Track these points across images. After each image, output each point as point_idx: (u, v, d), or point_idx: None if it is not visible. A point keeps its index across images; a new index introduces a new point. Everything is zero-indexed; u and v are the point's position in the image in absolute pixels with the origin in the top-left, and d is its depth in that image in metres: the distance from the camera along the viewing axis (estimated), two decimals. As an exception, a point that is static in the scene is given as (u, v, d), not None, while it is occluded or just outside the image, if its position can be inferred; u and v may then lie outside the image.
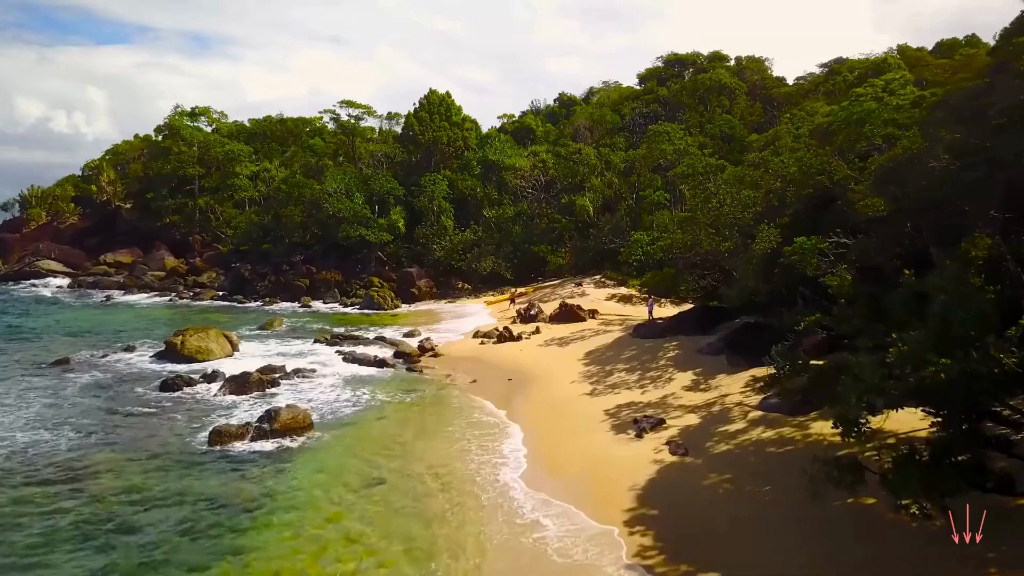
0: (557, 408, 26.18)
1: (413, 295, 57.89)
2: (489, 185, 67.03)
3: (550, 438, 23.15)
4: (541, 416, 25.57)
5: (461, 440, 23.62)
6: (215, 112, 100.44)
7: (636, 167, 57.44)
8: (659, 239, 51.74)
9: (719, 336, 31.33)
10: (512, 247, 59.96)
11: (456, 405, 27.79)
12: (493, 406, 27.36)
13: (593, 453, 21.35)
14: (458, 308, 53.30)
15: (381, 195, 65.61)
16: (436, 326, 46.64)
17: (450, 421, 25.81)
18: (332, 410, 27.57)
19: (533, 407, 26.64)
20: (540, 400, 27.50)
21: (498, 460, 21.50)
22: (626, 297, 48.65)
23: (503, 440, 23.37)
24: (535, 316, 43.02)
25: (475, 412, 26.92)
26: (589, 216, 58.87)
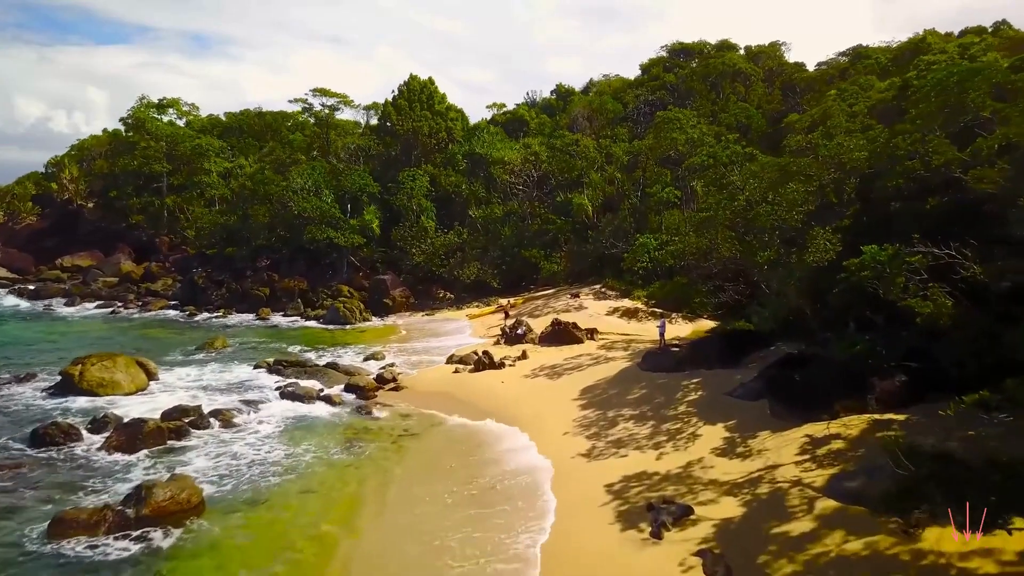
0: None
1: (386, 306, 51.17)
2: (476, 182, 60.37)
3: (528, 534, 16.45)
4: (519, 491, 18.87)
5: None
6: (185, 104, 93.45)
7: (641, 160, 50.74)
8: (669, 243, 45.09)
9: (753, 373, 24.64)
10: (500, 251, 53.28)
11: (400, 474, 21.03)
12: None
13: (588, 567, 14.67)
14: (436, 323, 46.60)
15: (353, 193, 58.88)
16: (407, 346, 39.93)
17: (390, 499, 19.12)
18: (243, 476, 20.90)
19: (509, 476, 19.92)
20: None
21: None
22: (631, 311, 41.94)
23: (462, 535, 16.67)
24: (522, 336, 36.30)
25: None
26: (588, 216, 52.18)
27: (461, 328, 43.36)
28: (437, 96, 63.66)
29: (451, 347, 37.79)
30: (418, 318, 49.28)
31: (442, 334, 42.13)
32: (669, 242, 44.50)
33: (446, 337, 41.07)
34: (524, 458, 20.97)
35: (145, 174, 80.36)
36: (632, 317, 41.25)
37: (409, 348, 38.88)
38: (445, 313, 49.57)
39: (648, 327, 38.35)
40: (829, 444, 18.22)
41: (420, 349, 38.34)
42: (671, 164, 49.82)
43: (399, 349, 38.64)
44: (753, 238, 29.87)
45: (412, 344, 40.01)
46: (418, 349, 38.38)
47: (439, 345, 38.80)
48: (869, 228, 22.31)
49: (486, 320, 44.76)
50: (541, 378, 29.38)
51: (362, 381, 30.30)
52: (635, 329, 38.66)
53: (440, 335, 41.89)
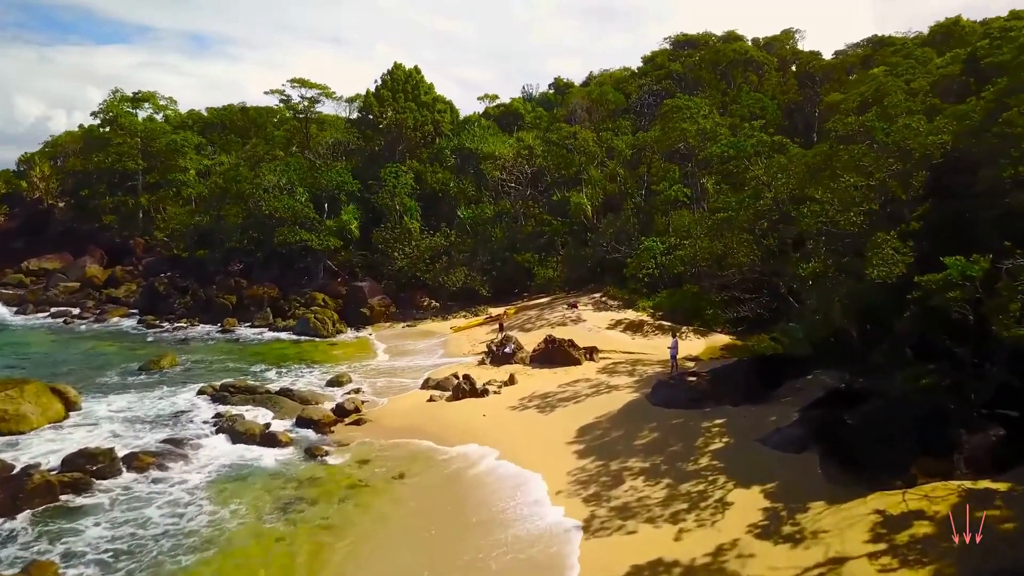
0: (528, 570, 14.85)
1: (363, 317, 46.49)
2: (465, 179, 55.73)
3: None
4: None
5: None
6: (162, 98, 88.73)
7: (646, 155, 46.13)
8: (677, 247, 40.48)
9: (790, 411, 20.07)
10: (490, 255, 48.63)
11: (345, 550, 16.37)
12: (409, 557, 16.01)
13: None
14: (416, 336, 41.92)
15: (330, 191, 54.23)
16: (379, 364, 35.29)
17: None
18: (147, 557, 16.38)
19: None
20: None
21: None
22: (635, 324, 37.34)
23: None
24: (511, 355, 31.67)
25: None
26: (587, 217, 47.57)
27: (443, 343, 38.69)
28: (423, 86, 59.01)
29: (429, 366, 33.20)
30: (397, 330, 44.61)
31: (421, 351, 37.46)
32: (678, 246, 39.94)
33: (425, 355, 36.42)
34: (505, 533, 16.30)
35: (119, 172, 76.23)
36: (637, 331, 36.66)
37: (381, 367, 34.22)
38: (428, 324, 44.90)
39: (656, 344, 33.78)
40: (910, 526, 13.67)
41: (394, 369, 33.68)
42: (679, 159, 45.24)
43: (370, 369, 33.99)
44: (776, 242, 25.47)
45: (386, 362, 35.36)
46: (392, 369, 33.72)
47: (415, 364, 34.15)
48: (940, 233, 17.75)
49: (473, 333, 40.12)
50: (530, 410, 24.75)
51: (317, 414, 25.63)
52: (641, 346, 34.06)
53: (418, 352, 37.24)
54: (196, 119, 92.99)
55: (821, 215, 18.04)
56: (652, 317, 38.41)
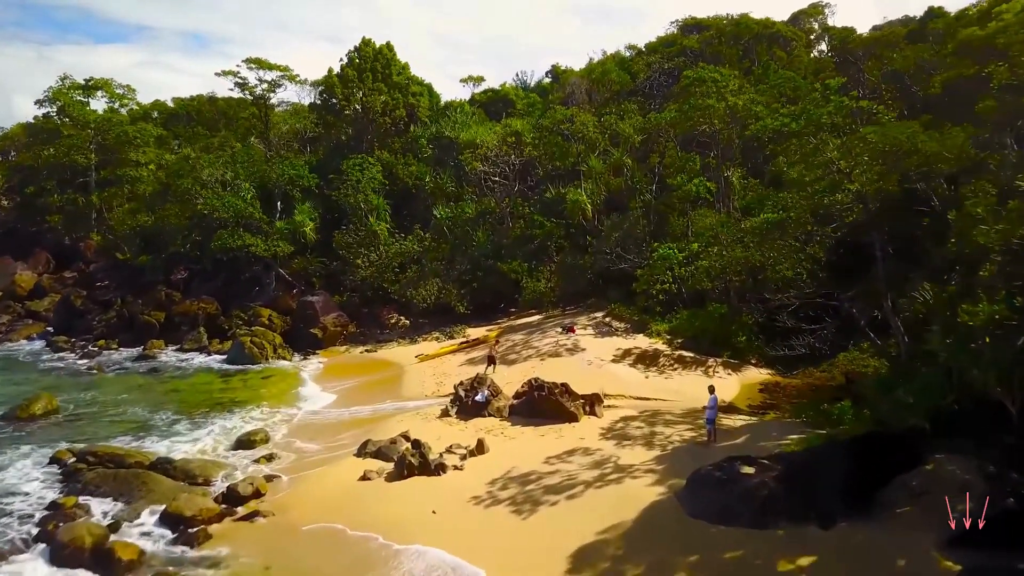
0: None
1: (313, 339, 38.58)
2: (444, 173, 47.86)
3: None
4: None
5: None
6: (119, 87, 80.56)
7: (659, 142, 38.16)
8: (700, 256, 32.61)
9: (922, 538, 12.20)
10: (470, 264, 40.74)
11: None
12: None
13: None
14: (371, 368, 33.95)
15: (282, 187, 46.36)
16: (317, 410, 27.39)
17: None
18: None
19: None
20: None
21: None
22: (648, 355, 29.46)
23: None
24: (484, 404, 23.73)
25: None
26: (586, 218, 39.70)
27: (402, 377, 30.74)
28: (396, 65, 51.01)
29: (377, 416, 25.29)
30: (353, 356, 36.68)
31: (372, 390, 29.50)
32: (700, 254, 32.07)
33: (376, 396, 28.46)
34: None
35: (71, 167, 68.55)
36: (651, 365, 28.77)
37: (316, 417, 26.28)
38: (391, 349, 36.94)
39: (678, 385, 25.99)
40: None
41: (329, 421, 25.72)
42: (697, 148, 37.36)
43: (300, 419, 26.07)
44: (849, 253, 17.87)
45: (322, 408, 27.39)
46: (326, 421, 25.76)
47: (359, 414, 26.23)
48: None
49: (443, 364, 32.22)
50: (503, 507, 16.81)
51: (192, 507, 17.60)
52: (657, 388, 26.19)
53: (369, 392, 29.27)
54: (161, 110, 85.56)
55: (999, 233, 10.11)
56: (669, 345, 30.54)
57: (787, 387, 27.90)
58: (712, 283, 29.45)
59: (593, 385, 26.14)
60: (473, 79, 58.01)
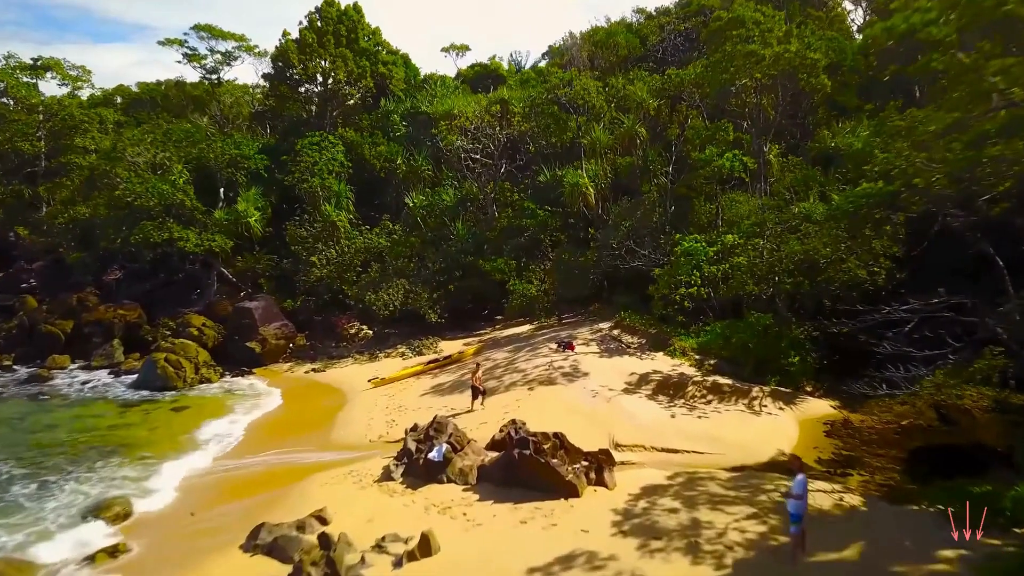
0: None
1: (251, 354, 31.32)
2: (419, 155, 40.64)
3: None
4: None
5: None
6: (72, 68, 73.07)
7: (680, 110, 30.93)
8: (738, 251, 25.43)
9: None
10: (445, 262, 33.51)
11: None
12: None
13: None
14: (314, 394, 26.66)
15: (224, 170, 39.15)
16: (217, 462, 20.07)
17: None
18: None
19: None
20: None
21: None
22: (672, 382, 22.20)
23: None
24: (442, 465, 16.40)
25: None
26: (588, 205, 32.54)
27: (346, 411, 23.44)
28: (364, 29, 43.72)
29: (300, 466, 18.02)
30: (294, 377, 29.42)
31: (303, 429, 22.18)
32: (737, 248, 24.90)
33: (306, 438, 21.16)
34: None
35: (17, 155, 61.41)
36: (676, 396, 21.55)
37: (205, 479, 18.91)
38: (344, 367, 29.72)
39: (715, 426, 18.91)
40: None
41: (226, 480, 18.42)
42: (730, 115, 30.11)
43: (186, 480, 18.74)
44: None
45: (223, 462, 20.03)
46: (222, 481, 18.45)
47: (273, 466, 18.93)
48: None
49: (403, 391, 24.98)
50: None
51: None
52: (689, 432, 18.99)
53: (297, 432, 21.95)
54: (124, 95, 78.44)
55: None
56: (699, 368, 23.29)
57: (861, 427, 20.77)
58: (758, 286, 22.25)
59: (599, 429, 18.97)
60: (456, 48, 50.66)
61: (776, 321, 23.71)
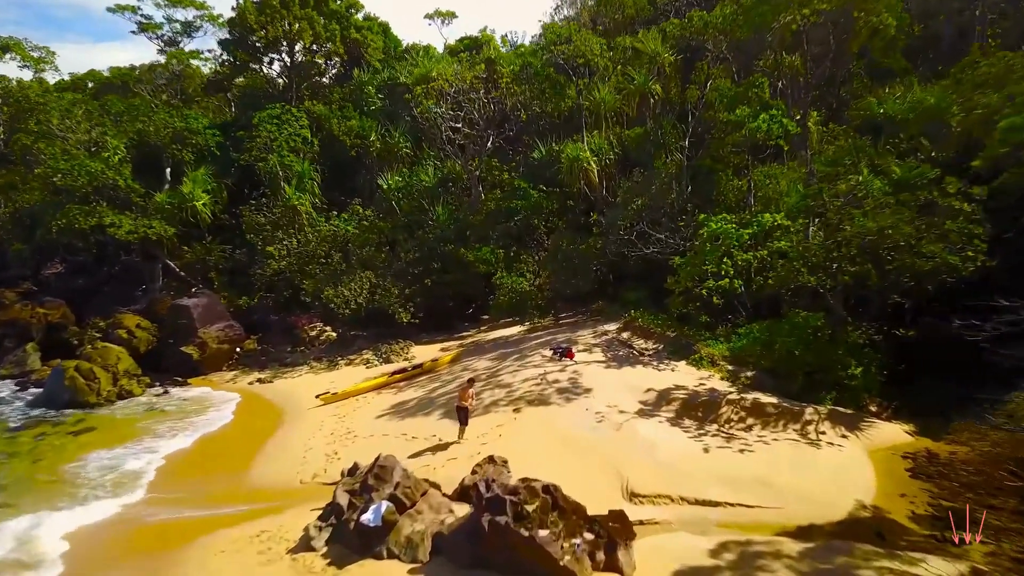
0: None
1: (187, 360, 26.31)
2: (397, 131, 35.66)
3: None
4: None
5: None
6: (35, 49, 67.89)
7: (698, 70, 25.87)
8: (778, 233, 20.42)
9: None
10: (421, 251, 28.48)
11: None
12: None
13: None
14: (251, 412, 21.58)
15: (167, 148, 34.17)
16: (97, 522, 15.03)
17: None
18: None
19: None
20: None
21: None
22: (702, 401, 17.16)
23: None
24: (380, 533, 11.35)
25: None
26: (591, 184, 27.53)
27: (278, 435, 18.39)
28: (336, -11, 38.58)
29: (201, 520, 13.01)
30: (238, 388, 24.35)
31: (221, 462, 17.12)
32: (776, 231, 19.97)
33: (223, 477, 16.12)
34: None
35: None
36: (707, 418, 16.59)
37: (83, 535, 13.90)
38: (296, 377, 24.69)
39: (764, 462, 13.98)
40: None
41: (101, 546, 13.37)
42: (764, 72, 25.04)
43: (45, 539, 13.71)
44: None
45: (106, 517, 14.97)
46: (104, 537, 13.41)
47: (165, 519, 13.91)
48: None
49: (358, 409, 19.95)
50: None
51: None
52: (729, 473, 14.02)
53: (213, 468, 16.89)
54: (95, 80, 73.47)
55: None
56: (732, 382, 18.27)
57: (953, 462, 15.78)
58: (814, 276, 17.25)
59: (606, 470, 14.00)
60: (442, 15, 45.55)
61: (829, 322, 18.72)
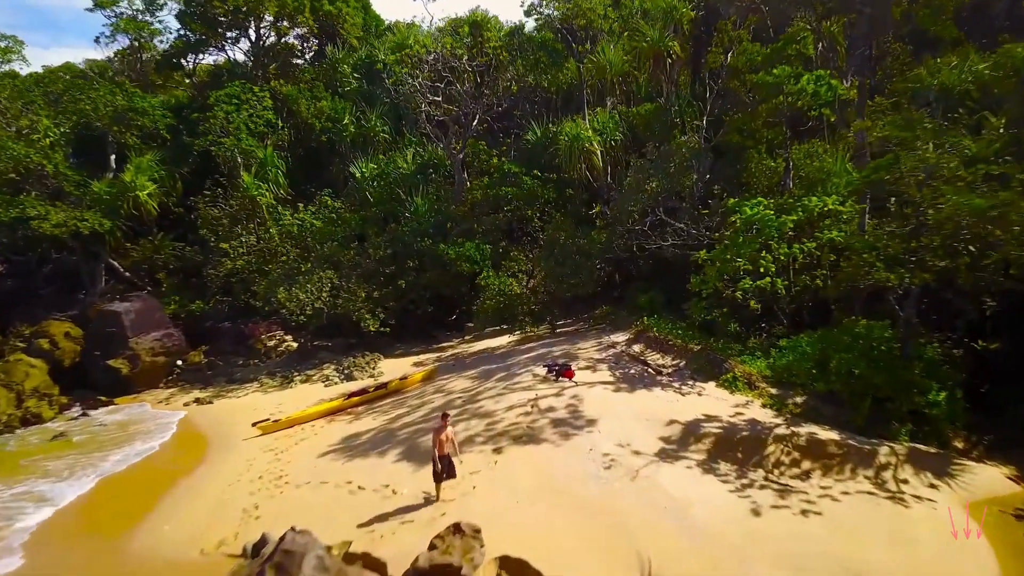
0: None
1: (115, 376, 22.27)
2: (374, 113, 31.72)
3: None
4: None
5: None
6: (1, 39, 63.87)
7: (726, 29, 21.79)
8: (828, 222, 16.00)
9: None
10: (395, 247, 24.41)
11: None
12: None
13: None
14: (183, 444, 17.49)
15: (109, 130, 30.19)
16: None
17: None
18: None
19: None
20: None
21: None
22: (743, 437, 13.07)
23: None
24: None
25: None
26: (593, 169, 23.50)
27: (193, 478, 14.29)
28: (310, -43, 34.55)
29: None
30: (174, 409, 20.25)
31: (112, 514, 13.02)
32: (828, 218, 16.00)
33: (111, 537, 12.02)
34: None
35: None
36: (748, 461, 12.45)
37: None
38: (243, 397, 20.63)
39: (840, 533, 9.66)
40: None
41: None
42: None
43: None
44: None
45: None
46: None
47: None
48: None
49: (297, 444, 15.87)
50: None
51: None
52: (789, 550, 9.78)
53: (103, 520, 12.79)
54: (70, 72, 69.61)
55: None
56: (778, 409, 14.21)
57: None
58: (895, 274, 13.21)
59: (618, 545, 9.89)
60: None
61: (900, 332, 14.69)
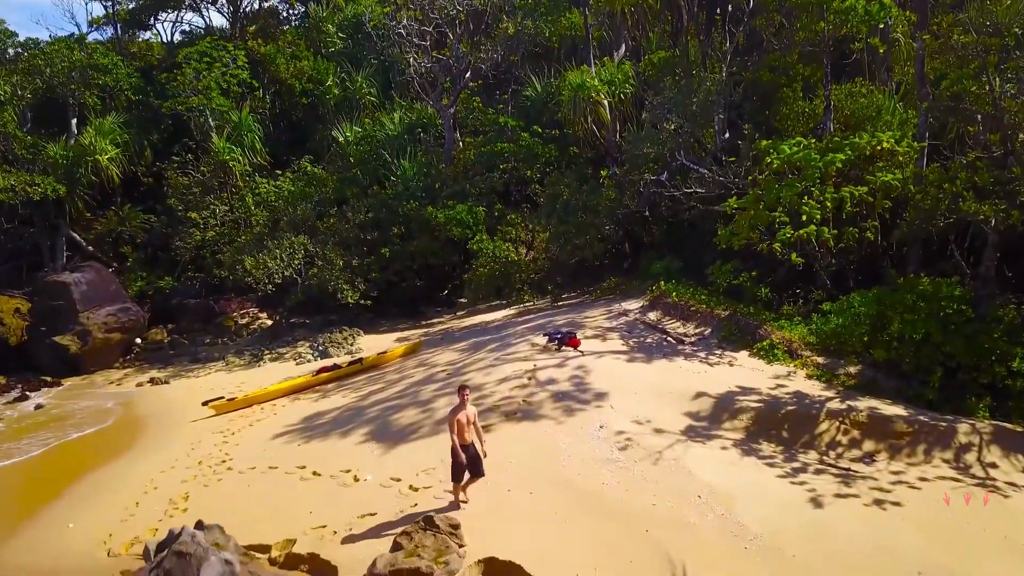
0: None
1: (63, 355, 19.99)
2: (359, 76, 29.38)
3: None
4: None
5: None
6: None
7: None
8: (881, 164, 13.32)
9: None
10: (378, 210, 22.05)
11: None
12: None
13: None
14: (117, 428, 15.16)
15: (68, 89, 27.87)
16: None
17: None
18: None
19: None
20: None
21: None
22: (787, 413, 10.67)
23: None
24: None
25: None
26: (600, 124, 21.09)
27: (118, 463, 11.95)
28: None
29: None
30: (115, 392, 17.93)
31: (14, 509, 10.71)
32: (881, 160, 13.57)
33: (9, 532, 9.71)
34: None
35: None
36: (796, 442, 10.04)
37: None
38: (204, 376, 18.32)
39: (926, 531, 7.13)
40: None
41: None
42: None
43: None
44: None
45: None
46: None
47: None
48: None
49: (252, 425, 13.53)
50: None
51: None
52: (867, 554, 7.36)
53: None
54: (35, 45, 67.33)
55: None
56: (828, 381, 11.83)
57: None
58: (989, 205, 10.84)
59: (640, 544, 7.49)
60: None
61: (975, 291, 12.30)
